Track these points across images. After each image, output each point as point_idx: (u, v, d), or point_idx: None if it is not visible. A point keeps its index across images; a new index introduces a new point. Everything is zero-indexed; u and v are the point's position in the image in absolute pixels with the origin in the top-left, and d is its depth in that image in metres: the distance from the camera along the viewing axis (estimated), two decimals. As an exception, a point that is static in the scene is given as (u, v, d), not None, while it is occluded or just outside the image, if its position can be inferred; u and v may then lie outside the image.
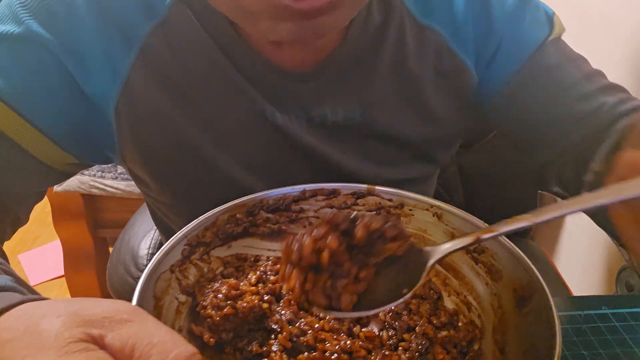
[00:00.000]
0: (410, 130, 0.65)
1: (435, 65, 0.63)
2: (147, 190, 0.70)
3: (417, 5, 0.62)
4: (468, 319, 0.51)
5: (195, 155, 0.62)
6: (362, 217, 0.42)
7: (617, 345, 0.54)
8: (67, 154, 0.60)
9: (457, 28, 0.63)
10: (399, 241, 0.42)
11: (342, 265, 0.41)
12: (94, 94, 0.58)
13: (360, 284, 0.42)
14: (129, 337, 0.32)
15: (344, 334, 0.48)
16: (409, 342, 0.49)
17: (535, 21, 0.64)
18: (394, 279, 0.43)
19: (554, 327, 0.41)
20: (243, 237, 0.55)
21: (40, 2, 0.56)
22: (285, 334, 0.47)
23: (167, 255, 0.48)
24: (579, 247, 1.31)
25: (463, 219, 0.52)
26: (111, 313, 0.34)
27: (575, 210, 0.37)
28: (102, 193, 1.42)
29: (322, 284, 0.41)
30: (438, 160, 0.71)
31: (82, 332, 0.32)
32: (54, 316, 0.33)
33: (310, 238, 0.41)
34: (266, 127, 0.61)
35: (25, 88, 0.56)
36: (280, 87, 0.60)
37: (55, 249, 1.95)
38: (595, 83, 0.63)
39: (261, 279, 0.51)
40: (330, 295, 0.41)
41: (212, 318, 0.46)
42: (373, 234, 0.41)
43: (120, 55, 0.58)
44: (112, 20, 0.57)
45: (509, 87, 0.64)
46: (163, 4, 0.58)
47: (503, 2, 0.64)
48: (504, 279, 0.49)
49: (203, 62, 0.59)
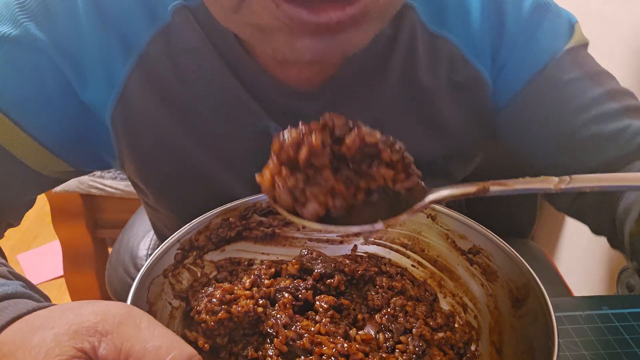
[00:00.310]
0: (422, 146, 0.62)
1: (449, 77, 0.60)
2: (145, 198, 0.69)
3: (429, 14, 0.59)
4: (464, 321, 0.51)
5: (192, 169, 0.60)
6: (362, 127, 0.38)
7: (618, 346, 0.53)
8: (63, 162, 0.59)
9: (472, 36, 0.59)
10: (399, 174, 0.39)
11: (320, 171, 0.38)
12: (90, 101, 0.56)
13: (336, 200, 0.39)
14: (122, 344, 0.32)
15: (340, 337, 0.48)
16: (405, 344, 0.48)
17: (554, 30, 0.60)
18: (382, 215, 0.39)
19: (551, 328, 0.41)
20: (236, 241, 0.55)
21: (39, 3, 0.54)
22: (281, 338, 0.46)
23: (160, 260, 0.48)
24: (579, 247, 1.31)
25: (457, 220, 0.52)
26: (105, 317, 0.33)
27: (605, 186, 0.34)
28: (101, 193, 1.42)
29: (293, 182, 0.38)
30: (455, 176, 0.68)
31: (72, 347, 0.31)
32: (47, 329, 0.33)
33: (296, 131, 0.38)
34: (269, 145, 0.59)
35: (20, 94, 0.54)
36: (286, 104, 0.58)
37: (54, 249, 1.95)
38: (619, 102, 0.58)
39: (255, 282, 0.51)
40: (297, 198, 0.39)
41: (206, 323, 0.46)
42: (367, 148, 0.38)
43: (118, 63, 0.56)
44: (112, 25, 0.55)
45: (518, 100, 0.60)
46: (166, 10, 0.55)
47: (519, 8, 0.60)
48: (500, 280, 0.49)
49: (205, 74, 0.57)
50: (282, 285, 0.51)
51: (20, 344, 0.33)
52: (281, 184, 0.38)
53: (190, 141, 0.59)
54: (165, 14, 0.55)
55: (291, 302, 0.49)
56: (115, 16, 0.55)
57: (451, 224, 0.53)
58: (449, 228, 0.53)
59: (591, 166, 0.57)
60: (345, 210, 0.39)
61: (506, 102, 0.61)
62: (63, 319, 0.33)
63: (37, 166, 0.58)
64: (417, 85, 0.59)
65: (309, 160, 0.37)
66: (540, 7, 0.60)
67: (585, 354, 0.53)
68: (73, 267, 1.55)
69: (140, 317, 0.34)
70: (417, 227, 0.55)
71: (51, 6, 0.54)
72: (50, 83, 0.55)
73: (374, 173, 0.38)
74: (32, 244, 2.10)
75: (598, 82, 0.59)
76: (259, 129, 0.58)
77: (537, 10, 0.60)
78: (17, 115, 0.54)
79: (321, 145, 0.37)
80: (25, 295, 0.40)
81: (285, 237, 0.57)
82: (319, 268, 0.52)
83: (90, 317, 0.33)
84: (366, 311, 0.52)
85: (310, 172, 0.38)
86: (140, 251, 1.09)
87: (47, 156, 0.57)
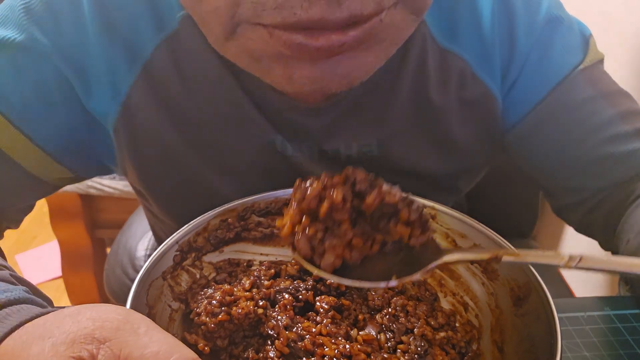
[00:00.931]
0: (431, 163, 0.61)
1: (459, 94, 0.58)
2: (147, 204, 0.69)
3: (440, 28, 0.56)
4: (465, 320, 0.51)
5: (195, 180, 0.59)
6: (383, 185, 0.39)
7: (620, 347, 0.53)
8: (63, 168, 0.58)
9: (483, 52, 0.57)
10: (415, 230, 0.40)
11: (339, 224, 0.39)
12: (94, 109, 0.55)
13: (353, 252, 0.40)
14: (120, 350, 0.32)
15: (341, 337, 0.47)
16: (407, 344, 0.48)
17: (567, 46, 0.58)
18: (395, 267, 0.40)
19: (553, 326, 0.40)
20: (235, 242, 0.54)
21: (45, 7, 0.52)
22: (283, 339, 0.46)
23: (159, 262, 0.47)
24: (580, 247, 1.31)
25: (457, 219, 0.52)
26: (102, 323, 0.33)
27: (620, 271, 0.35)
28: (99, 193, 1.42)
29: (312, 233, 0.39)
30: (461, 190, 0.67)
31: (70, 356, 0.31)
32: (45, 338, 0.33)
33: (319, 183, 0.39)
34: (275, 158, 0.58)
35: (23, 99, 0.53)
36: (292, 118, 0.56)
37: (52, 249, 1.95)
38: (632, 124, 0.56)
39: (255, 283, 0.51)
40: (315, 248, 0.40)
41: (206, 325, 0.46)
42: (386, 207, 0.39)
43: (122, 72, 0.54)
44: (118, 32, 0.53)
45: (529, 118, 0.58)
46: (173, 17, 0.54)
47: (531, 22, 0.57)
48: (501, 279, 0.49)
49: (210, 84, 0.55)
50: (282, 286, 0.50)
51: (19, 354, 0.33)
52: (301, 233, 0.40)
53: (193, 152, 0.58)
54: (173, 21, 0.54)
55: (291, 303, 0.49)
56: (123, 22, 0.53)
57: (451, 223, 0.52)
58: (449, 227, 0.52)
59: (600, 186, 0.57)
60: (360, 260, 0.41)
61: (517, 120, 0.59)
62: (61, 327, 0.33)
63: (37, 172, 0.57)
64: (427, 101, 0.58)
65: (329, 214, 0.39)
66: (553, 21, 0.58)
67: (587, 355, 0.52)
68: (71, 267, 1.55)
69: (138, 322, 0.34)
70: (417, 226, 0.55)
71: (57, 12, 0.53)
72: (54, 89, 0.54)
73: (391, 229, 0.40)
74: (30, 244, 2.10)
75: (612, 103, 0.57)
76: (264, 141, 0.57)
77: (550, 24, 0.58)
78: (19, 120, 0.53)
79: (342, 200, 0.38)
80: (28, 301, 0.39)
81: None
82: (319, 268, 0.52)
83: (87, 324, 0.33)
84: (367, 311, 0.51)
85: (329, 223, 0.39)
86: (138, 252, 1.09)
87: (48, 162, 0.57)
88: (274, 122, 0.57)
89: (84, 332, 0.32)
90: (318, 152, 0.58)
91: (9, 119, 0.53)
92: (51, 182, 0.60)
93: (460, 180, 0.65)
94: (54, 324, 0.34)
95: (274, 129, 0.57)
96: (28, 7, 0.52)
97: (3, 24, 0.53)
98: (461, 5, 0.56)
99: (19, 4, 0.53)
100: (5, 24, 0.53)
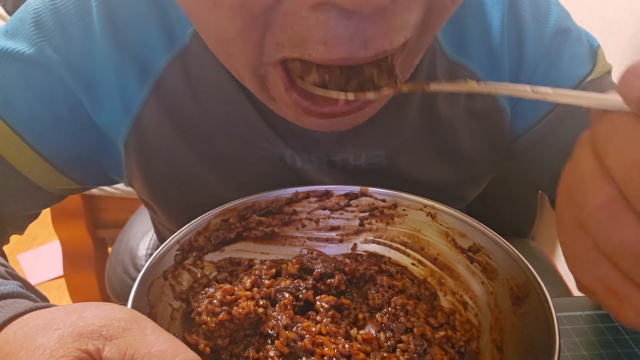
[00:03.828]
0: (438, 173, 0.61)
1: (467, 105, 0.58)
2: (154, 215, 0.69)
3: (450, 40, 0.56)
4: (465, 319, 0.51)
5: (205, 194, 0.60)
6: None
7: (618, 346, 0.53)
8: (68, 179, 0.58)
9: (492, 63, 0.57)
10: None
11: None
12: (104, 124, 0.55)
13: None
14: (126, 348, 0.32)
15: (341, 337, 0.48)
16: (407, 343, 0.48)
17: (575, 57, 0.58)
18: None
19: (552, 326, 0.41)
20: (236, 241, 0.54)
21: (55, 22, 0.52)
22: (282, 339, 0.46)
23: (160, 262, 0.47)
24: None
25: (457, 218, 0.52)
26: (109, 321, 0.33)
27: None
28: (101, 193, 1.42)
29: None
30: (467, 198, 0.67)
31: (77, 348, 0.31)
32: (51, 329, 0.33)
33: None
34: (284, 170, 0.59)
35: (30, 111, 0.53)
36: (302, 133, 0.56)
37: (54, 249, 1.95)
38: None
39: (256, 283, 0.51)
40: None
41: (207, 324, 0.46)
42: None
43: (134, 88, 0.54)
44: (129, 48, 0.53)
45: (536, 129, 0.58)
46: (184, 33, 0.54)
47: (540, 34, 0.57)
48: (500, 278, 0.49)
49: (221, 99, 0.55)
50: (282, 285, 0.51)
51: (22, 344, 0.33)
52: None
53: (203, 165, 0.58)
54: (184, 37, 0.54)
55: (292, 303, 0.49)
56: (133, 39, 0.53)
57: (451, 222, 0.53)
58: (448, 226, 0.53)
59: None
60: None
61: (524, 130, 0.60)
62: (66, 320, 0.33)
63: (43, 183, 0.57)
64: (436, 113, 0.58)
65: None
66: (561, 33, 0.58)
67: (585, 354, 0.53)
68: (73, 267, 1.55)
69: (144, 322, 0.34)
70: (417, 225, 0.55)
71: (67, 26, 0.53)
72: (61, 103, 0.54)
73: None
74: (32, 244, 2.10)
75: None
76: (274, 155, 0.58)
77: (559, 35, 0.57)
78: (26, 132, 0.54)
79: None
80: (22, 295, 0.40)
81: (284, 237, 0.57)
82: (319, 268, 0.52)
83: (94, 321, 0.33)
84: (367, 310, 0.52)
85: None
86: (139, 251, 1.09)
87: (54, 174, 0.57)
88: (284, 137, 0.57)
89: (90, 328, 0.33)
90: (327, 163, 0.59)
91: (16, 130, 0.53)
92: (56, 193, 0.60)
93: (467, 189, 0.65)
94: (58, 317, 0.34)
95: (284, 144, 0.57)
96: (38, 20, 0.52)
97: (13, 36, 0.53)
98: (470, 18, 0.56)
99: (30, 17, 0.53)
100: (15, 36, 0.53)
